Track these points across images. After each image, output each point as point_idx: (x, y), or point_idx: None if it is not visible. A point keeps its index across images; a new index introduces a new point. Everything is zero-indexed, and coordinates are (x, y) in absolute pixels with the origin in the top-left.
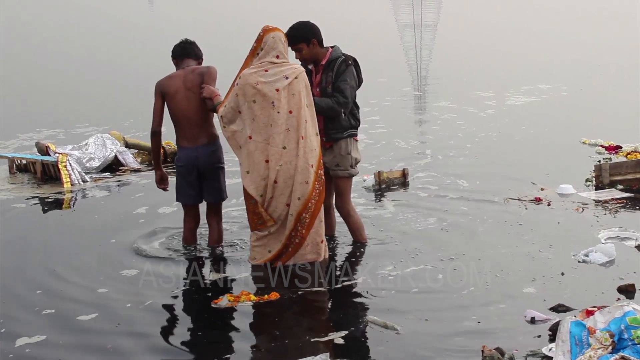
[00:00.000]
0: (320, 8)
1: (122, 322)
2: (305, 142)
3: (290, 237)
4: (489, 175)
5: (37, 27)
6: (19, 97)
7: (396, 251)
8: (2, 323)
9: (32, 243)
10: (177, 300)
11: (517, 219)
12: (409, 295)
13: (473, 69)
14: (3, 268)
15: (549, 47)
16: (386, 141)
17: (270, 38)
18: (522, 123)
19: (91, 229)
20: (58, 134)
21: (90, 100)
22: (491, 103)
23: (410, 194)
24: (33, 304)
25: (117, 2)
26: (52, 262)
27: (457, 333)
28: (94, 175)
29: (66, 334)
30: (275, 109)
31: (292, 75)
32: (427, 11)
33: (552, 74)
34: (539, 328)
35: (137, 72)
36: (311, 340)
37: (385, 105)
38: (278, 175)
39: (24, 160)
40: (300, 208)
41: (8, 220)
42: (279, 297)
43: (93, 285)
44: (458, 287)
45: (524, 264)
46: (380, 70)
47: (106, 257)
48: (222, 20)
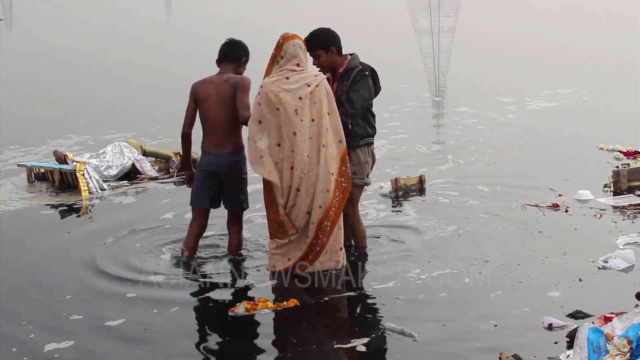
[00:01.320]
0: (339, 15)
1: (148, 328)
2: (327, 150)
3: (311, 245)
4: (509, 181)
5: (61, 38)
6: (49, 105)
7: (417, 257)
8: (31, 329)
9: (59, 249)
10: (195, 307)
11: (536, 226)
12: (428, 301)
13: (492, 74)
14: (30, 274)
15: (567, 52)
16: (407, 146)
17: (291, 46)
18: (542, 128)
19: (116, 234)
20: (87, 140)
21: (118, 107)
22: (511, 108)
23: (431, 200)
24: (61, 309)
25: (136, 13)
26: (79, 268)
27: (475, 339)
28: (111, 184)
29: (94, 339)
30: (299, 117)
31: (314, 83)
32: (444, 17)
33: (572, 78)
34: (557, 334)
35: (162, 80)
36: (329, 348)
37: (406, 111)
38: (301, 183)
39: (42, 169)
40: (321, 216)
41: (31, 227)
42: (297, 304)
43: (121, 290)
44: (480, 292)
45: (543, 270)
46: (399, 76)
47: (132, 261)
48: (240, 27)
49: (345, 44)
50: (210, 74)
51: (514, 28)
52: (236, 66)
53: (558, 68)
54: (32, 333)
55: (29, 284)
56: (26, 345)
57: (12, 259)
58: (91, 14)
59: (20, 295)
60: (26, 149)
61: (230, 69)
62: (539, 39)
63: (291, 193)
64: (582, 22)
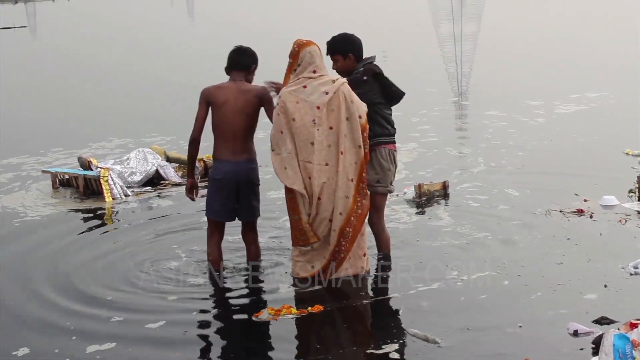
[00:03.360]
0: (363, 22)
1: (188, 331)
2: (345, 157)
3: (334, 253)
4: (537, 186)
5: (86, 46)
6: (91, 110)
7: (450, 260)
8: (73, 330)
9: (100, 253)
10: (218, 313)
11: (564, 231)
12: (452, 306)
13: (519, 78)
14: (73, 277)
15: (592, 55)
16: (438, 149)
17: (307, 53)
18: (572, 131)
19: (151, 239)
20: (128, 144)
21: (156, 112)
22: (540, 112)
23: (463, 204)
24: (103, 311)
25: (159, 21)
26: (119, 271)
27: (500, 345)
28: (135, 190)
29: (135, 341)
30: (316, 126)
31: (332, 90)
32: (467, 22)
33: (599, 82)
34: (582, 341)
35: (190, 86)
36: (352, 354)
37: (435, 115)
38: (322, 192)
39: (67, 175)
40: (342, 223)
41: (63, 233)
42: (321, 309)
43: (162, 293)
44: (508, 297)
45: (569, 277)
46: (427, 80)
47: (171, 264)
48: (262, 34)
49: (371, 49)
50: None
51: (539, 32)
52: (246, 74)
53: (584, 72)
54: (74, 335)
55: (71, 288)
56: (68, 346)
57: (52, 263)
58: (115, 23)
59: (64, 297)
60: (69, 151)
61: (241, 77)
62: (562, 42)
63: (313, 202)
64: (606, 26)
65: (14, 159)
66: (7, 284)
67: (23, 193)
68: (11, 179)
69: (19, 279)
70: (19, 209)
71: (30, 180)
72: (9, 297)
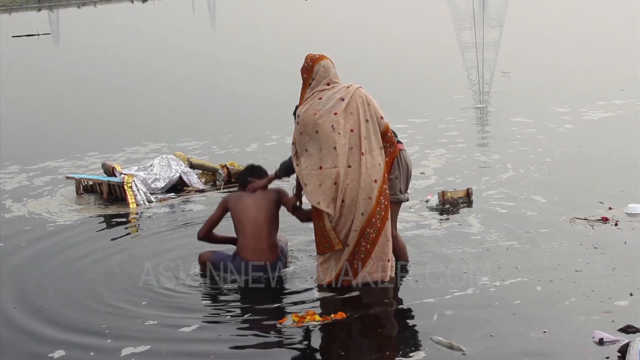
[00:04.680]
0: (383, 29)
1: (222, 333)
2: (366, 158)
3: (353, 253)
4: (565, 192)
5: (110, 52)
6: (127, 115)
7: (477, 266)
8: (108, 334)
9: (134, 257)
10: (243, 319)
11: (587, 239)
12: (474, 313)
13: (543, 85)
14: (107, 281)
15: (620, 62)
16: (467, 155)
17: (321, 68)
18: (602, 138)
19: (177, 245)
20: (162, 148)
21: (189, 117)
22: (568, 118)
23: (491, 211)
24: (137, 315)
25: (181, 29)
26: (157, 276)
27: (524, 354)
28: (159, 196)
29: (169, 344)
30: (336, 131)
31: (347, 95)
32: (488, 30)
33: (625, 89)
34: (608, 349)
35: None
36: None
37: (461, 122)
38: (345, 194)
39: (91, 181)
40: (363, 224)
41: (92, 238)
42: (345, 317)
43: (197, 296)
44: (535, 305)
45: (595, 285)
46: (454, 87)
47: (197, 269)
48: (285, 44)
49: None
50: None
51: (560, 39)
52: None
53: (609, 78)
54: (109, 338)
55: (107, 291)
56: (103, 348)
57: (81, 267)
58: (145, 30)
59: (97, 301)
60: (105, 155)
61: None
62: (586, 49)
63: (337, 206)
64: (629, 32)
65: (50, 163)
66: (36, 287)
67: (48, 198)
68: (47, 182)
69: (51, 282)
70: (44, 215)
71: (59, 185)
72: (39, 301)
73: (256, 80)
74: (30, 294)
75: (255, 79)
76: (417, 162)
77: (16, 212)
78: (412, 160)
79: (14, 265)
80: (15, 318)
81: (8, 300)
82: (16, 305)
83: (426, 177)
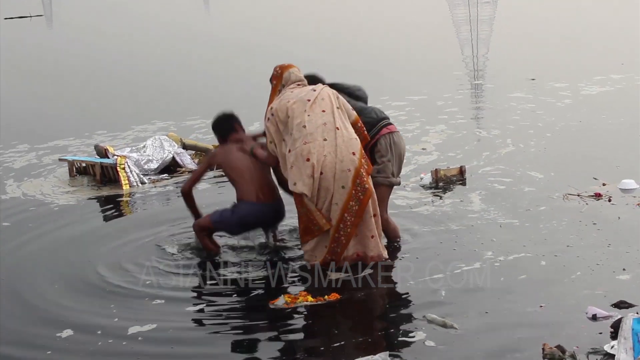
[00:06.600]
0: (379, 10)
1: (214, 312)
2: (342, 132)
3: (338, 229)
4: (563, 168)
5: (129, 30)
6: (132, 93)
7: (480, 242)
8: (115, 313)
9: (124, 241)
10: (235, 299)
11: (579, 216)
12: (464, 291)
13: (538, 61)
14: (113, 261)
15: (616, 38)
16: (467, 131)
17: (292, 74)
18: (601, 112)
19: (169, 227)
20: (170, 126)
21: (196, 95)
22: (566, 93)
23: (487, 186)
24: (144, 294)
25: (175, 10)
26: (157, 255)
27: (519, 330)
28: (152, 177)
29: (175, 323)
30: (307, 112)
31: (318, 88)
32: (482, 5)
33: (623, 63)
34: (601, 325)
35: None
36: (370, 341)
37: (459, 98)
38: (324, 167)
39: (84, 163)
40: (345, 197)
41: (95, 218)
42: (339, 297)
43: (188, 275)
44: (527, 282)
45: (589, 261)
46: (451, 63)
47: (178, 254)
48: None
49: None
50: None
51: (554, 16)
52: (234, 133)
53: (605, 53)
54: (116, 317)
55: (114, 269)
56: (110, 328)
57: (81, 247)
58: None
59: (103, 281)
60: (113, 133)
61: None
62: (580, 24)
63: (315, 180)
64: (624, 7)
65: (60, 142)
66: (39, 270)
67: (42, 180)
68: (55, 161)
69: (54, 263)
70: (38, 197)
71: (52, 166)
72: (44, 283)
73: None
74: (28, 278)
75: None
76: (417, 138)
77: (11, 193)
78: (413, 136)
79: (10, 248)
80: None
81: (13, 280)
82: (15, 287)
83: (427, 153)
